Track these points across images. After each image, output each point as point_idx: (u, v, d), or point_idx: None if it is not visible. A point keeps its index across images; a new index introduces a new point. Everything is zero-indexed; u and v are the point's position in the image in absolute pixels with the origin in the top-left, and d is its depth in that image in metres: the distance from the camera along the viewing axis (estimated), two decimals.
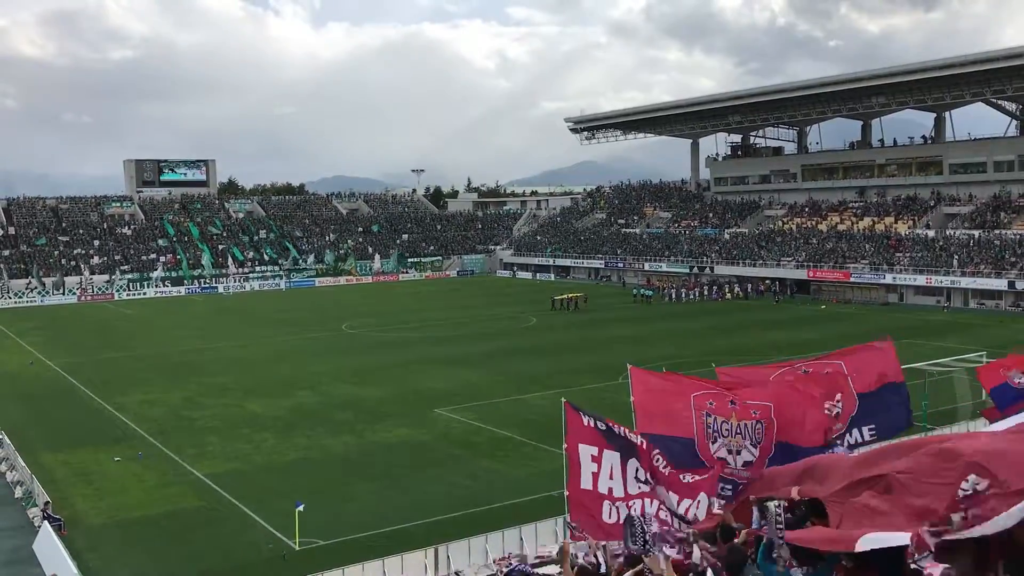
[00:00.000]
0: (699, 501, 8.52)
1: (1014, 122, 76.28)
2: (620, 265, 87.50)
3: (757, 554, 6.00)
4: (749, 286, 73.04)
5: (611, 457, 8.75)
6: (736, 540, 6.68)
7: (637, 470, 8.64)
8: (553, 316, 60.98)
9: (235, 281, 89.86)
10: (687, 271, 79.61)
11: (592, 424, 8.89)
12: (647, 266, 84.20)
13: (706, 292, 71.75)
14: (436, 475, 25.08)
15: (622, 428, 8.87)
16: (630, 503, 8.53)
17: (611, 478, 8.69)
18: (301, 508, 19.55)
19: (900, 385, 11.72)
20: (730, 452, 9.49)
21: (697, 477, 8.66)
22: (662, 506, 8.39)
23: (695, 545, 6.66)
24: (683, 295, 70.33)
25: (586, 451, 8.81)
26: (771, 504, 5.73)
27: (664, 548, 6.51)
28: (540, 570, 8.32)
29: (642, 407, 10.04)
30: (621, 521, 8.30)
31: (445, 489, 23.68)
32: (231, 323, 62.58)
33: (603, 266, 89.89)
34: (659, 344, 46.42)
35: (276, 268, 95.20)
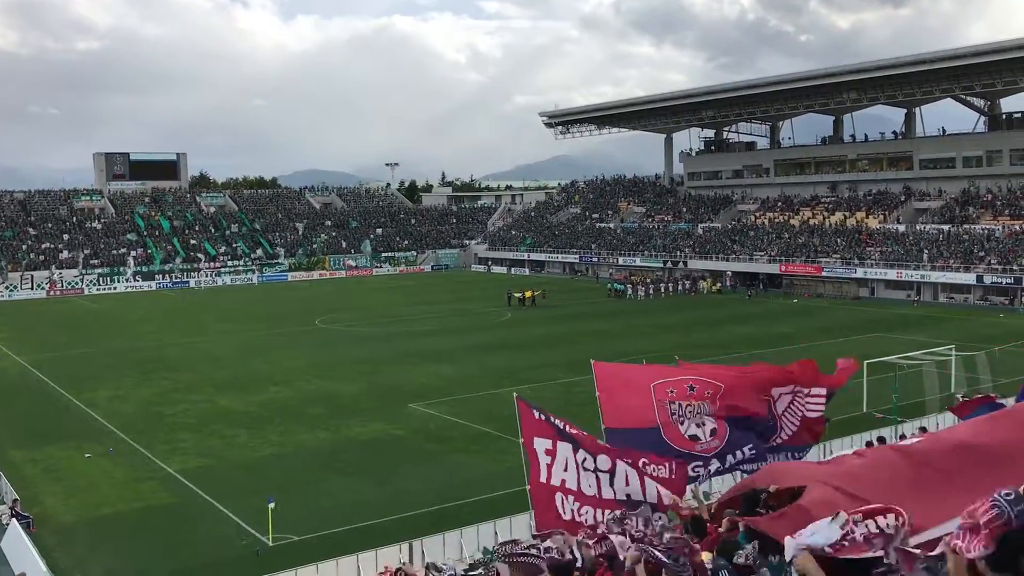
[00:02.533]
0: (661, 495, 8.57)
1: (982, 118, 77.24)
2: (594, 260, 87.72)
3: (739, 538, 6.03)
4: (727, 279, 73.54)
5: (564, 449, 8.86)
6: (721, 533, 6.71)
7: (585, 459, 8.73)
8: (527, 311, 61.02)
9: (207, 276, 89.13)
10: (661, 265, 79.95)
11: (541, 417, 9.01)
12: (621, 260, 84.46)
13: (681, 287, 72.07)
14: (411, 470, 25.03)
15: (567, 424, 8.98)
16: (582, 508, 8.62)
17: (565, 470, 8.78)
18: (273, 505, 19.43)
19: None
20: (699, 427, 9.70)
21: (661, 471, 8.70)
22: (618, 507, 8.42)
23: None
24: (658, 289, 70.49)
25: (541, 444, 8.92)
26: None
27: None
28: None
29: (607, 401, 10.10)
30: (576, 516, 8.39)
31: (420, 484, 23.63)
32: (203, 318, 62.05)
33: (578, 260, 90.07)
34: (633, 339, 46.57)
35: (248, 262, 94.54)
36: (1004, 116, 75.34)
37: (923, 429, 18.28)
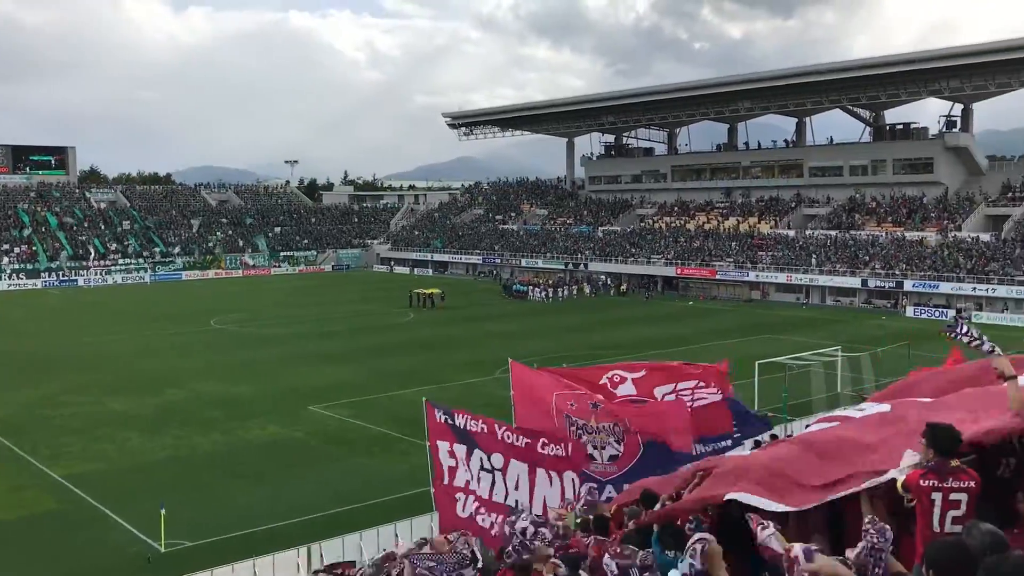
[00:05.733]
0: (563, 485, 8.74)
1: (868, 129, 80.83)
2: (497, 261, 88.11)
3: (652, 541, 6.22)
4: (600, 282, 74.87)
5: (460, 451, 9.00)
6: (628, 528, 6.90)
7: (481, 459, 8.85)
8: (430, 312, 60.88)
9: (96, 274, 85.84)
10: (563, 267, 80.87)
11: (444, 420, 9.14)
12: (524, 262, 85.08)
13: (581, 290, 73.00)
14: (309, 473, 24.70)
15: (467, 419, 9.07)
16: (479, 508, 8.73)
17: (464, 471, 8.91)
18: (164, 510, 18.89)
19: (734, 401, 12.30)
20: (595, 448, 9.74)
21: (558, 451, 8.88)
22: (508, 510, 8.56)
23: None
24: (558, 293, 71.17)
25: (443, 447, 9.05)
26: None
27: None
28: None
29: (520, 401, 10.21)
30: (475, 515, 8.51)
31: (319, 487, 23.35)
32: (92, 318, 59.74)
33: (481, 262, 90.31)
34: (535, 339, 47.00)
35: (141, 261, 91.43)
36: (888, 127, 78.94)
37: (808, 427, 19.02)
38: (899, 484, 5.14)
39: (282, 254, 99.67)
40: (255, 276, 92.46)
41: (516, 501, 8.63)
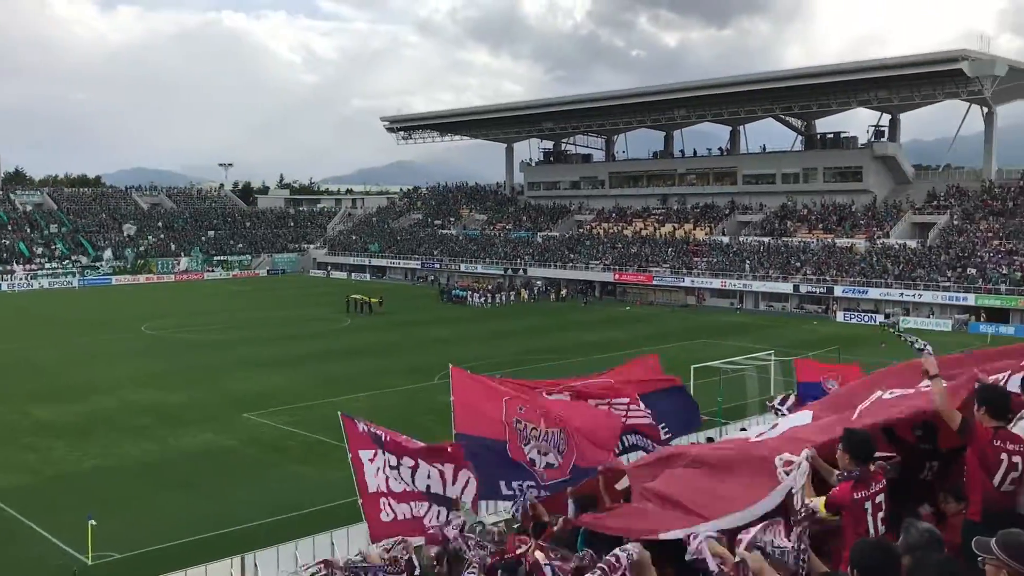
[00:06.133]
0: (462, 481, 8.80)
1: (800, 137, 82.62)
2: (436, 266, 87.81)
3: (578, 541, 6.20)
4: (536, 288, 75.23)
5: (382, 458, 9.08)
6: (555, 529, 6.90)
7: (405, 463, 8.93)
8: (367, 318, 60.36)
9: (21, 278, 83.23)
10: (502, 273, 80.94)
11: (365, 429, 9.19)
12: (463, 267, 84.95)
13: (519, 296, 73.15)
14: (244, 481, 24.25)
15: (387, 432, 9.13)
16: (411, 503, 8.80)
17: (385, 475, 8.96)
18: (92, 522, 18.35)
19: (679, 388, 12.38)
20: (539, 453, 9.82)
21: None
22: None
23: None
24: (496, 298, 71.20)
25: (365, 455, 9.10)
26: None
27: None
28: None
29: (460, 408, 10.15)
30: (399, 516, 8.56)
31: (253, 496, 22.92)
32: (16, 324, 57.88)
33: (420, 267, 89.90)
34: (474, 345, 46.93)
35: (69, 265, 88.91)
36: (819, 136, 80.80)
37: (743, 430, 19.32)
38: (821, 508, 5.15)
39: (216, 259, 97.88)
40: (188, 281, 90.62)
41: (432, 489, 8.71)
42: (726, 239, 74.67)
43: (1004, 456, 5.21)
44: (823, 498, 5.22)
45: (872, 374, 8.04)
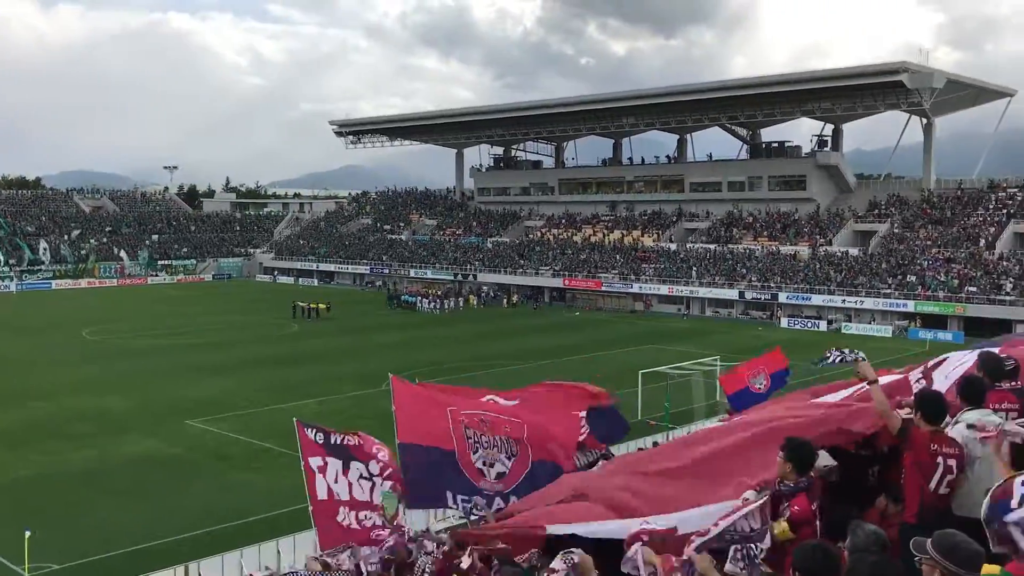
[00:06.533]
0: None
1: (745, 146, 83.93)
2: (386, 271, 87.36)
3: None
4: (485, 293, 75.34)
5: (336, 464, 9.07)
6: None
7: (360, 469, 8.92)
8: (314, 323, 59.81)
9: None
10: (452, 278, 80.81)
11: (314, 437, 9.19)
12: (413, 273, 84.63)
13: (468, 301, 73.06)
14: (187, 489, 23.84)
15: (342, 436, 9.09)
16: (360, 511, 8.77)
17: (336, 482, 8.96)
18: (29, 533, 17.87)
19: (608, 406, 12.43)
20: (486, 464, 9.73)
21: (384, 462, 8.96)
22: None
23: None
24: (446, 304, 71.02)
25: (315, 463, 9.09)
26: None
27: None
28: None
29: (403, 417, 10.08)
30: (355, 523, 8.54)
31: (197, 503, 22.56)
32: None
33: (369, 272, 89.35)
34: (425, 350, 46.77)
35: (6, 269, 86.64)
36: (764, 145, 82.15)
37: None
38: (780, 531, 5.07)
39: (160, 263, 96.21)
40: (131, 286, 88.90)
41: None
42: (673, 246, 75.49)
43: (940, 460, 5.36)
44: (783, 522, 5.15)
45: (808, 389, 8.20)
